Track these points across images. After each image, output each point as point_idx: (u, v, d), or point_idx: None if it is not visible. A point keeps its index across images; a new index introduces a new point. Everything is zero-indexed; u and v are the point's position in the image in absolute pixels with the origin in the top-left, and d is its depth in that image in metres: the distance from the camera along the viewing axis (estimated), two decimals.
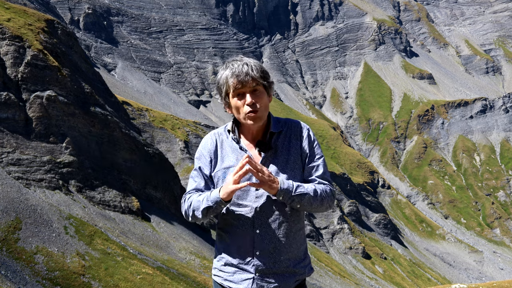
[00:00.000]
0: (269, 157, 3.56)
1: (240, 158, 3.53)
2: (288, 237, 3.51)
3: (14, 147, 35.02)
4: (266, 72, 3.52)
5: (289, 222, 3.53)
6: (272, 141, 3.59)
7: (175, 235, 39.77)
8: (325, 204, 3.56)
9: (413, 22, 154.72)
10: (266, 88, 3.53)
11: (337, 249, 69.05)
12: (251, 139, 3.62)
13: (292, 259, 3.54)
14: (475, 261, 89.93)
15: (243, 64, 3.44)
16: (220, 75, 3.54)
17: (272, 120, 3.65)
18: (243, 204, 3.51)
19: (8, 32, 37.37)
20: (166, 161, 46.94)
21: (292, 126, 3.67)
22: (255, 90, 3.47)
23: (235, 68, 3.43)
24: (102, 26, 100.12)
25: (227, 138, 3.65)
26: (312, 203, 3.47)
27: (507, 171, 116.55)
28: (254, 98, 3.45)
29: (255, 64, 3.46)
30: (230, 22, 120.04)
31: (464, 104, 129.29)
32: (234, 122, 3.67)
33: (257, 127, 3.58)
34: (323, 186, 3.56)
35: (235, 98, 3.49)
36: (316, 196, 3.49)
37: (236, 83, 3.42)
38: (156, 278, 30.65)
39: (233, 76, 3.43)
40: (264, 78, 3.49)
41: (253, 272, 3.49)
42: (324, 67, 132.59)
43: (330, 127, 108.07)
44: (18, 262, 27.16)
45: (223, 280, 3.60)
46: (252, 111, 3.44)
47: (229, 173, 3.45)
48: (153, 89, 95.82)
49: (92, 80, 45.69)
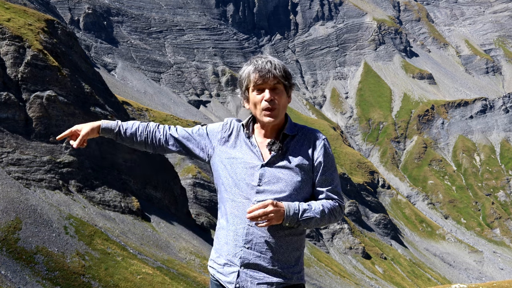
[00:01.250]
0: (278, 158, 3.56)
1: (249, 152, 3.58)
2: (281, 237, 3.50)
3: (14, 147, 35.02)
4: (288, 73, 3.56)
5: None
6: (284, 143, 3.60)
7: (175, 235, 39.77)
8: (333, 221, 3.59)
9: (413, 22, 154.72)
10: (286, 88, 3.57)
11: (337, 249, 69.05)
12: (264, 138, 3.64)
13: (280, 261, 3.51)
14: (475, 261, 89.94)
15: (267, 61, 3.51)
16: (243, 69, 3.61)
17: (288, 123, 3.66)
18: (243, 195, 3.53)
19: (8, 32, 37.37)
20: (166, 161, 46.94)
21: (308, 133, 3.67)
22: (275, 87, 3.52)
23: (259, 64, 3.50)
24: (102, 26, 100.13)
25: (244, 131, 3.70)
26: (319, 223, 3.50)
27: (507, 171, 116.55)
28: (273, 95, 3.50)
29: (278, 63, 3.52)
30: (230, 22, 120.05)
31: (464, 104, 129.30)
32: (250, 119, 3.70)
33: (272, 126, 3.60)
34: (331, 203, 3.56)
35: (254, 92, 3.55)
36: (324, 217, 3.50)
37: (258, 78, 3.48)
38: (156, 278, 30.65)
39: (256, 71, 3.49)
40: (286, 78, 3.53)
41: (239, 265, 3.49)
42: (324, 67, 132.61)
43: (330, 127, 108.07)
44: (18, 262, 27.16)
45: (216, 272, 3.63)
46: (269, 107, 3.49)
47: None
48: (153, 89, 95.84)
49: (92, 80, 45.69)
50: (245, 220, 3.48)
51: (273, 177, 3.52)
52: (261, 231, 3.47)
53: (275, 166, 3.54)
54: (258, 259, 3.48)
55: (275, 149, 3.55)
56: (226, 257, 3.55)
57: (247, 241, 3.48)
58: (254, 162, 3.55)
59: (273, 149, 3.55)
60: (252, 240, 3.48)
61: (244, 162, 3.56)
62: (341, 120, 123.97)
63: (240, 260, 3.49)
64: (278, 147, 3.55)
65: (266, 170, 3.52)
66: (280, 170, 3.53)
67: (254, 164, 3.55)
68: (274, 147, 3.55)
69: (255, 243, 3.48)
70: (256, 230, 3.47)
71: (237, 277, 3.50)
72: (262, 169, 3.53)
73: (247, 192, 3.52)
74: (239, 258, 3.49)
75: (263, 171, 3.52)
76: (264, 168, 3.53)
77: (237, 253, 3.50)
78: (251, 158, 3.57)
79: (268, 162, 3.54)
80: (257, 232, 3.47)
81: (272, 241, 3.48)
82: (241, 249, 3.49)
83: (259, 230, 3.47)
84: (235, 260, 3.51)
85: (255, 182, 3.51)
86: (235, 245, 3.51)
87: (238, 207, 3.52)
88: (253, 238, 3.48)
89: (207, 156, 3.75)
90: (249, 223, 3.47)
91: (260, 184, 3.50)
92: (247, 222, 3.48)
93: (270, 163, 3.54)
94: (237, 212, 3.52)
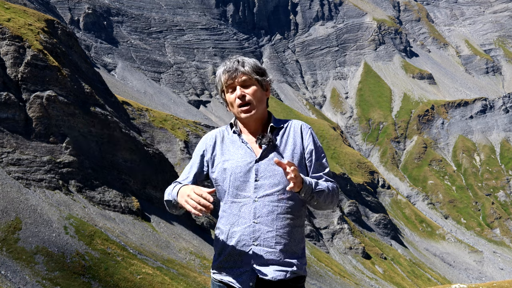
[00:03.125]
0: (269, 151, 3.60)
1: (240, 151, 3.61)
2: (286, 229, 3.54)
3: (14, 147, 35.02)
4: (258, 68, 3.62)
5: (288, 214, 3.56)
6: (273, 135, 3.64)
7: (175, 235, 39.78)
8: (334, 201, 3.66)
9: (413, 22, 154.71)
10: (260, 82, 3.62)
11: (337, 249, 69.05)
12: (251, 134, 3.69)
13: (289, 253, 3.56)
14: (475, 261, 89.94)
15: (235, 61, 3.60)
16: (216, 73, 3.71)
17: (272, 117, 3.74)
18: (242, 194, 3.55)
19: (8, 32, 37.37)
20: (166, 161, 46.94)
21: (294, 124, 3.75)
22: (245, 84, 3.58)
23: (227, 65, 3.60)
24: (102, 26, 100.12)
25: (228, 133, 3.73)
26: (326, 199, 3.57)
27: (507, 171, 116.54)
28: (243, 91, 3.57)
29: (247, 60, 3.61)
30: (230, 22, 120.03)
31: (464, 104, 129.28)
32: (235, 119, 3.77)
33: (255, 122, 3.65)
34: (331, 184, 3.66)
35: (228, 93, 3.63)
36: (329, 193, 3.59)
37: (227, 78, 3.58)
38: (156, 278, 30.66)
39: (224, 72, 3.59)
40: (256, 73, 3.60)
41: (251, 263, 3.51)
42: (324, 67, 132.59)
43: (330, 127, 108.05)
44: (18, 262, 27.16)
45: (223, 276, 3.61)
46: (242, 103, 3.56)
47: (195, 189, 3.42)
48: (153, 89, 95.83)
49: (92, 80, 45.69)
50: (250, 219, 3.51)
51: (268, 170, 3.55)
52: (268, 226, 3.50)
53: (269, 159, 3.58)
54: (269, 254, 3.51)
55: (266, 142, 3.59)
56: (236, 258, 3.55)
57: (255, 238, 3.50)
58: (247, 159, 3.59)
59: (264, 142, 3.59)
60: (260, 236, 3.50)
61: (238, 161, 3.59)
62: (341, 120, 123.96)
63: (251, 258, 3.51)
64: (269, 139, 3.59)
65: (261, 165, 3.56)
66: (273, 162, 3.56)
67: (248, 161, 3.58)
68: (265, 140, 3.59)
69: (263, 239, 3.50)
70: (263, 226, 3.50)
71: (251, 276, 3.51)
72: (256, 165, 3.56)
73: (246, 190, 3.54)
74: (250, 257, 3.51)
75: (258, 166, 3.56)
76: (258, 163, 3.56)
77: (247, 252, 3.52)
78: (243, 156, 3.60)
79: (261, 157, 3.58)
80: (263, 228, 3.50)
81: (279, 234, 3.52)
82: (250, 247, 3.51)
83: (266, 226, 3.50)
84: (246, 259, 3.52)
85: (252, 179, 3.54)
86: (243, 245, 3.52)
87: (240, 207, 3.55)
88: (261, 234, 3.50)
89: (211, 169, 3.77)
90: (254, 221, 3.50)
91: (257, 179, 3.54)
92: (252, 220, 3.51)
93: (263, 157, 3.58)
94: (240, 213, 3.54)
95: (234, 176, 3.56)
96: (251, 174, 3.55)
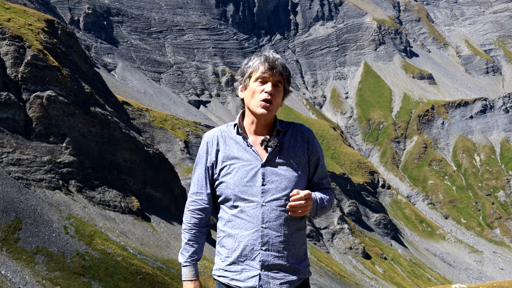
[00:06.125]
0: (275, 154, 3.57)
1: (245, 154, 3.56)
2: (293, 234, 3.55)
3: (14, 147, 35.02)
4: (290, 76, 3.62)
5: (293, 218, 3.55)
6: (279, 138, 3.61)
7: (175, 235, 39.78)
8: (332, 208, 3.76)
9: (413, 22, 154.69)
10: (285, 90, 3.61)
11: (337, 249, 69.05)
12: (255, 135, 3.64)
13: (294, 257, 3.57)
14: (475, 261, 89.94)
15: (278, 58, 3.55)
16: (252, 58, 3.61)
17: (277, 120, 3.69)
18: (249, 199, 3.51)
19: (8, 32, 37.37)
20: (166, 161, 46.94)
21: (298, 127, 3.72)
22: (277, 84, 3.54)
23: (269, 58, 3.53)
24: (102, 26, 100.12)
25: (231, 133, 3.65)
26: (325, 212, 3.69)
27: (507, 171, 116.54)
28: (273, 91, 3.52)
29: (287, 66, 3.59)
30: (230, 22, 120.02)
31: (464, 104, 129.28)
32: (240, 119, 3.68)
33: (263, 123, 3.60)
34: (329, 192, 3.72)
35: (256, 82, 3.54)
36: (330, 206, 3.68)
37: (266, 69, 3.50)
38: (156, 278, 30.67)
39: (266, 62, 3.51)
40: (287, 81, 3.59)
41: (259, 268, 3.49)
42: (324, 67, 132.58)
43: (330, 127, 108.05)
44: (18, 262, 27.16)
45: (230, 280, 3.57)
46: (267, 99, 3.49)
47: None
48: (153, 89, 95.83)
49: (92, 80, 45.70)
50: (257, 223, 3.49)
51: (275, 175, 3.52)
52: (276, 231, 3.50)
53: (274, 163, 3.55)
54: (277, 259, 3.51)
55: (272, 145, 3.55)
56: (243, 262, 3.53)
57: (263, 243, 3.49)
58: (253, 163, 3.54)
59: (270, 145, 3.55)
60: (268, 241, 3.49)
61: (243, 165, 3.54)
62: (341, 120, 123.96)
63: (259, 263, 3.50)
64: (276, 143, 3.55)
65: (267, 169, 3.52)
66: (280, 166, 3.54)
67: (254, 165, 3.53)
68: (271, 143, 3.55)
69: (271, 244, 3.49)
70: (271, 231, 3.49)
71: (259, 281, 3.50)
72: (263, 169, 3.52)
73: (253, 194, 3.50)
74: (259, 262, 3.50)
75: (265, 170, 3.52)
76: (265, 167, 3.52)
77: (256, 257, 3.50)
78: (249, 159, 3.55)
79: (267, 160, 3.53)
80: (272, 232, 3.49)
81: (287, 239, 3.52)
82: (259, 252, 3.49)
83: (274, 230, 3.49)
84: (254, 264, 3.50)
85: (259, 183, 3.50)
86: (251, 249, 3.50)
87: (247, 211, 3.51)
88: (269, 239, 3.49)
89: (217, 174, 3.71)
90: (262, 225, 3.49)
91: (264, 183, 3.50)
92: (260, 225, 3.49)
93: (269, 161, 3.54)
94: (247, 217, 3.51)
95: (240, 180, 3.51)
96: (258, 178, 3.50)
